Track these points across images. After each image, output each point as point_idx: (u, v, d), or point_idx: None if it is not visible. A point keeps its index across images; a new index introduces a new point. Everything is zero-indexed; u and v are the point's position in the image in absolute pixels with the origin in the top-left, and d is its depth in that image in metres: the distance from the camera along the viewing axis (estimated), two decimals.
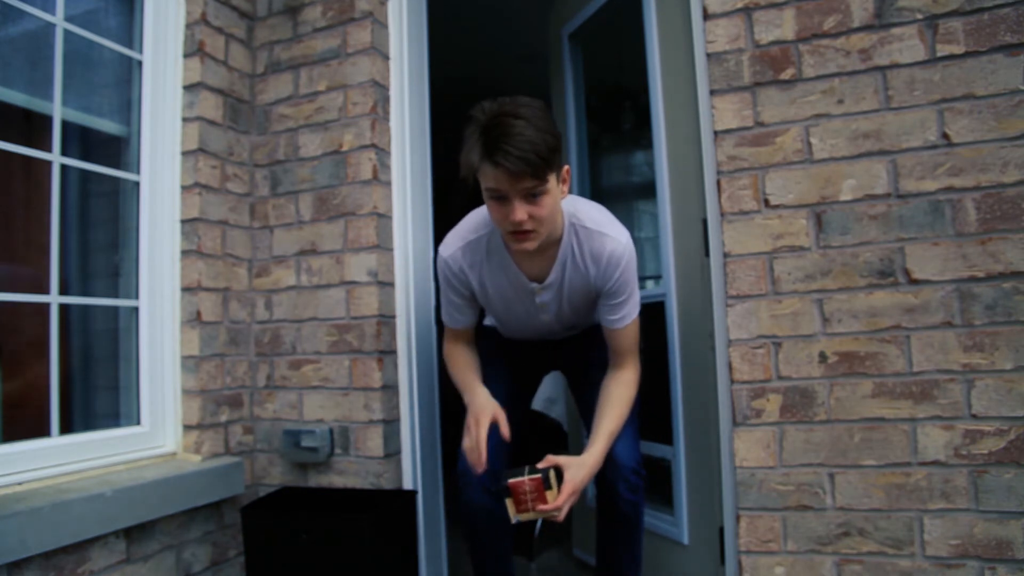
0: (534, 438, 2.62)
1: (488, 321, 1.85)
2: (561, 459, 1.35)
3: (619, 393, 1.50)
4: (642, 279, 2.21)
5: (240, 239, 2.05)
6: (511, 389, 1.72)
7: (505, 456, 1.60)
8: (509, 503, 1.31)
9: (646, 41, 1.88)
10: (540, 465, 1.32)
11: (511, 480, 1.30)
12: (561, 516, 1.33)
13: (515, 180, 1.27)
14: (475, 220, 1.54)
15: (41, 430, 1.60)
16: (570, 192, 1.50)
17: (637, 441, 1.57)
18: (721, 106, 1.57)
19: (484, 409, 1.45)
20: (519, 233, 1.34)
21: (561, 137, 1.35)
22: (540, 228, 1.35)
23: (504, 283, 1.55)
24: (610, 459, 1.49)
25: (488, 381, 1.63)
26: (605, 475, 1.52)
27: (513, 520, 1.33)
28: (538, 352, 1.79)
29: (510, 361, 1.76)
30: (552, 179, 1.32)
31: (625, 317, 1.50)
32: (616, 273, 1.46)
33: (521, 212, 1.30)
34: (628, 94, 2.29)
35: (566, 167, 1.41)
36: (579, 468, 1.36)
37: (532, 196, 1.30)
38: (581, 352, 1.74)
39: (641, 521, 1.61)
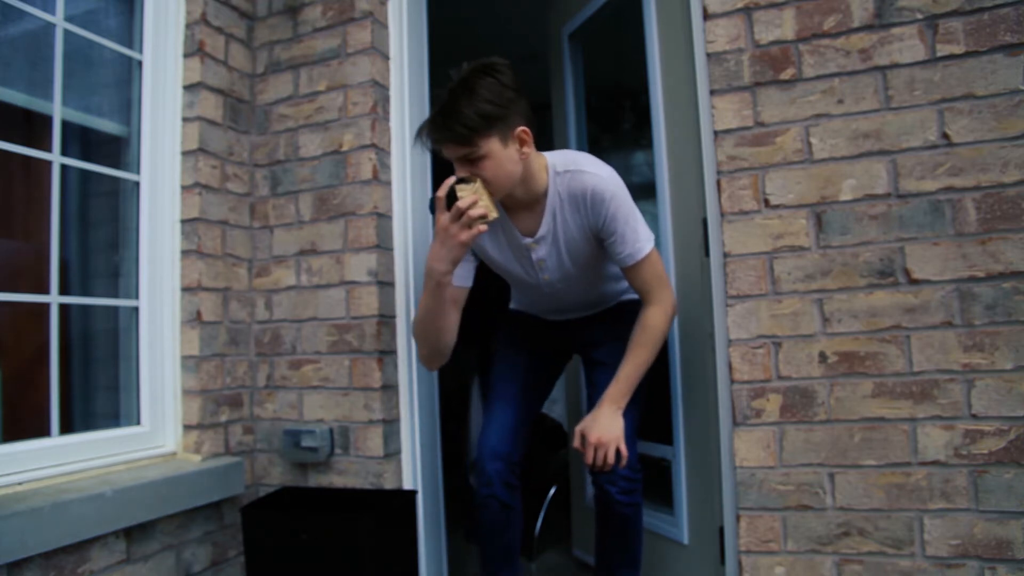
0: (536, 438, 2.62)
1: (512, 304, 1.87)
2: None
3: (638, 339, 1.51)
4: None
5: (240, 239, 2.05)
6: (526, 382, 1.74)
7: (518, 441, 1.63)
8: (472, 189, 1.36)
9: (646, 41, 1.88)
10: None
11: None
12: (589, 459, 1.47)
13: (446, 149, 1.39)
14: None
15: (41, 430, 1.60)
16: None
17: (634, 440, 1.57)
18: (721, 106, 1.57)
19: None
20: None
21: (511, 101, 1.38)
22: (488, 187, 1.40)
23: (502, 241, 1.59)
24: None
25: (503, 375, 1.66)
26: (598, 476, 1.52)
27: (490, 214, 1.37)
28: (556, 335, 1.80)
29: (528, 351, 1.77)
30: (488, 143, 1.37)
31: (633, 254, 1.49)
32: (604, 208, 1.46)
33: (462, 173, 1.39)
34: (628, 94, 2.29)
35: (520, 128, 1.42)
36: (590, 422, 1.49)
37: (470, 160, 1.38)
38: (594, 331, 1.75)
39: (639, 522, 1.61)
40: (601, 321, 1.75)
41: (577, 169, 1.48)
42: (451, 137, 1.36)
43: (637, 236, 1.48)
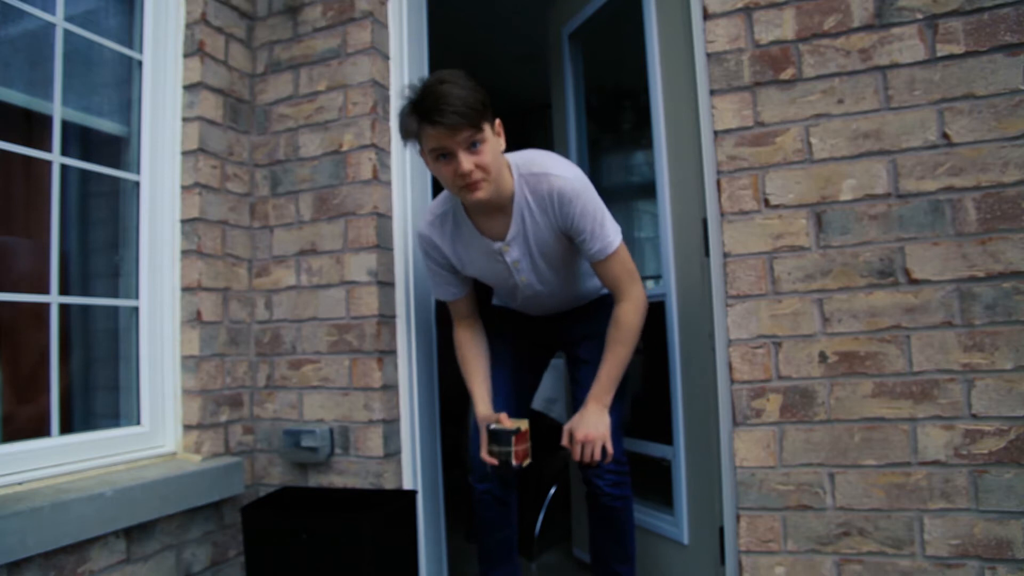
0: (535, 439, 2.62)
1: (495, 300, 1.89)
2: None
3: (614, 336, 1.54)
4: (642, 279, 2.21)
5: (240, 239, 2.05)
6: (513, 378, 1.76)
7: None
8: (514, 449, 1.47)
9: (646, 41, 1.88)
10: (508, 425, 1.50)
11: (516, 433, 1.49)
12: (576, 455, 1.52)
13: (454, 133, 1.36)
14: (440, 197, 1.62)
15: (41, 430, 1.60)
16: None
17: (619, 434, 1.59)
18: (721, 106, 1.57)
19: (485, 421, 1.57)
20: (469, 184, 1.42)
21: (486, 92, 1.42)
22: (488, 176, 1.42)
23: (474, 252, 1.60)
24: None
25: (493, 373, 1.68)
26: (587, 471, 1.56)
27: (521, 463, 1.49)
28: (539, 330, 1.81)
29: (514, 347, 1.79)
30: (487, 128, 1.41)
31: (603, 248, 1.51)
32: (571, 209, 1.48)
33: (467, 162, 1.39)
34: (628, 94, 2.29)
35: (498, 120, 1.47)
36: (577, 420, 1.53)
37: (473, 146, 1.39)
38: (576, 327, 1.77)
39: (629, 515, 1.63)
40: (581, 319, 1.76)
41: (542, 172, 1.49)
42: (464, 118, 1.35)
43: (605, 232, 1.51)
